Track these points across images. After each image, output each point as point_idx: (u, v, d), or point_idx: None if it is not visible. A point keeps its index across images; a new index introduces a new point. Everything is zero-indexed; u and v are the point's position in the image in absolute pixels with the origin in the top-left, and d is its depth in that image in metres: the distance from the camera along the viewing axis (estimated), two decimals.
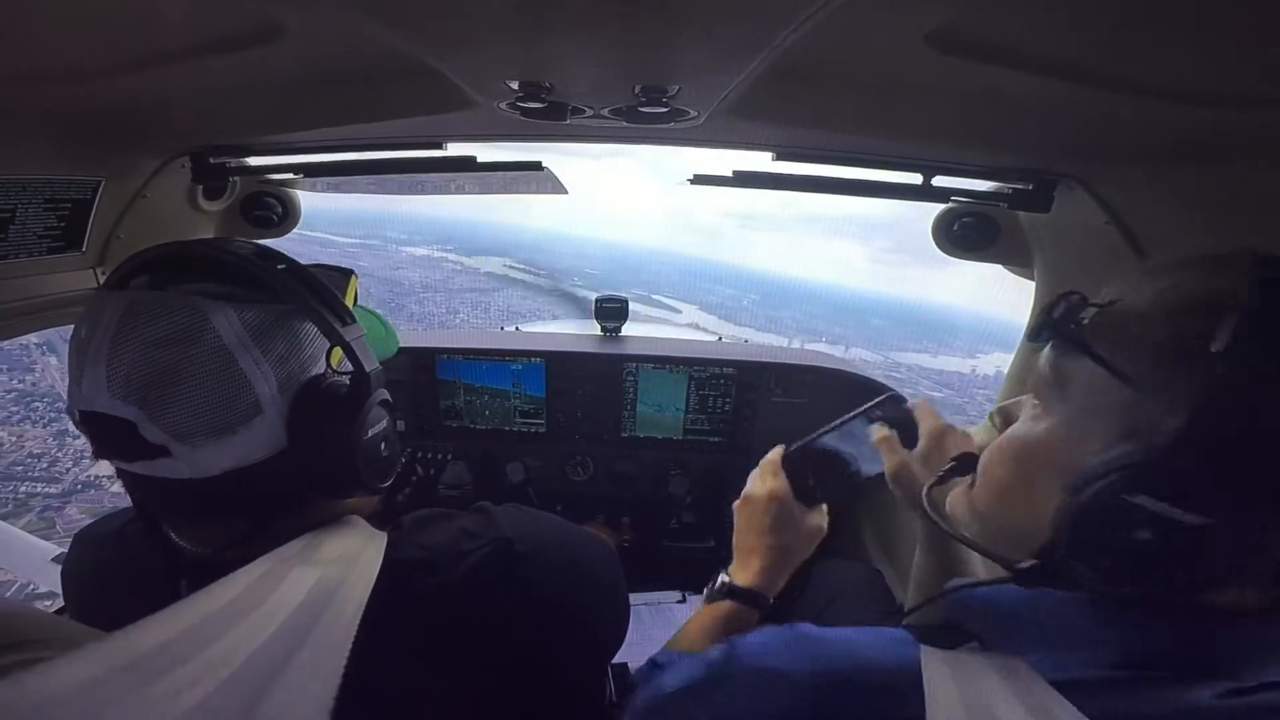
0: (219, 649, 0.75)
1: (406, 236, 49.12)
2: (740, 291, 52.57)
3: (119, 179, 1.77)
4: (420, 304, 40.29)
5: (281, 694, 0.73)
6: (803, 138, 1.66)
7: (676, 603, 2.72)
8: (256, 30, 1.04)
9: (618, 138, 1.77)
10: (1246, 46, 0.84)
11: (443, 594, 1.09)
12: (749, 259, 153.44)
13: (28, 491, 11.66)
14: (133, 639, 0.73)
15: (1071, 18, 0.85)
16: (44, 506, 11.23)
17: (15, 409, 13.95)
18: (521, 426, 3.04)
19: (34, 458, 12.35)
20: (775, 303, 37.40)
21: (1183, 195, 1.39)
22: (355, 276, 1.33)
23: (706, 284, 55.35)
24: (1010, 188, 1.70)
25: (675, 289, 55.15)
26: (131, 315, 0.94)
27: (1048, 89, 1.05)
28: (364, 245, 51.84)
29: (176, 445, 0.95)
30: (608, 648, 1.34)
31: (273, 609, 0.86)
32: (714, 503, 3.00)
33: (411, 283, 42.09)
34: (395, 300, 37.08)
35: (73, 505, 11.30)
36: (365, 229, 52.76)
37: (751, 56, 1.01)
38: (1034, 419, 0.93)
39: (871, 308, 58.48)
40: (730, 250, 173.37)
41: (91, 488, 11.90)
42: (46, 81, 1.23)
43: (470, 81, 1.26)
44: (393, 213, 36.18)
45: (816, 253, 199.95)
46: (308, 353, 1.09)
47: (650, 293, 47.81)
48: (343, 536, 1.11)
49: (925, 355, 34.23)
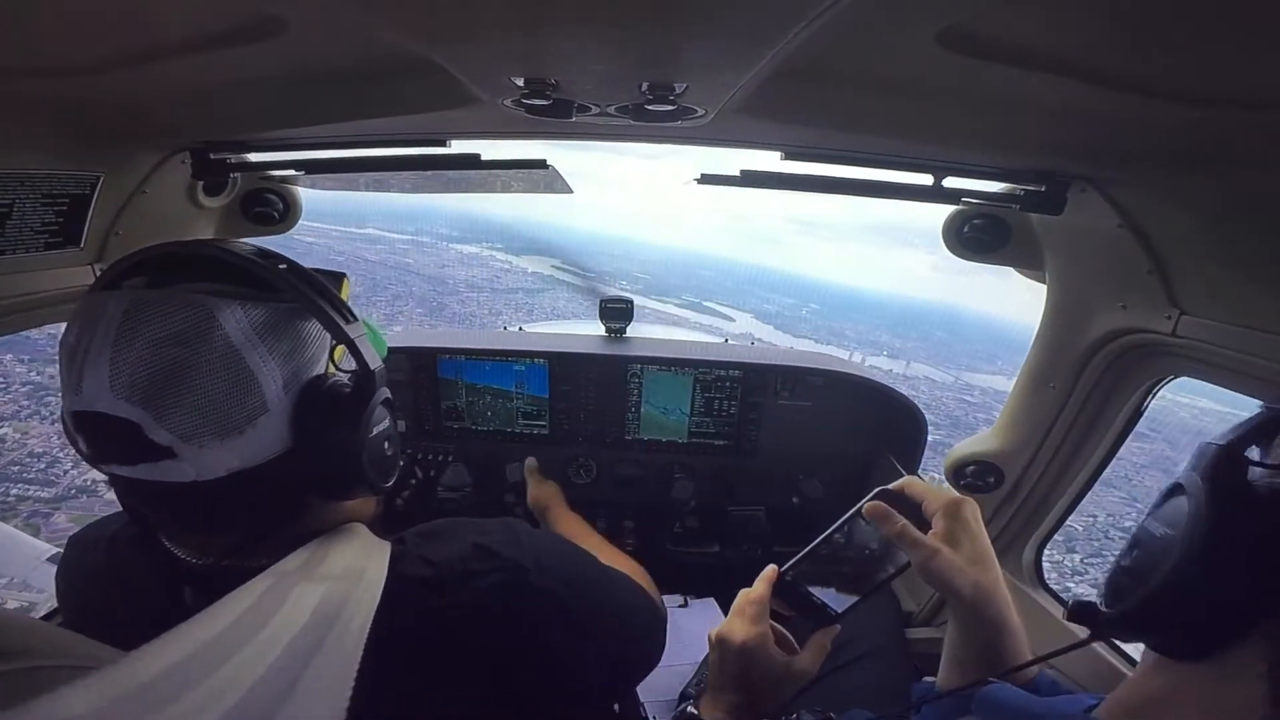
0: (225, 674, 0.75)
1: (458, 234, 49.28)
2: (799, 300, 52.10)
3: (118, 174, 1.76)
4: (463, 303, 40.36)
5: (289, 718, 0.73)
6: (812, 137, 1.64)
7: (679, 607, 2.71)
8: (257, 25, 1.03)
9: (624, 136, 1.77)
10: (1264, 49, 0.81)
11: (447, 617, 1.08)
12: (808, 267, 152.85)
13: (19, 494, 11.58)
14: (138, 666, 0.72)
15: (1086, 18, 0.84)
16: (31, 512, 11.10)
17: (26, 403, 13.90)
18: (524, 428, 3.03)
19: (34, 457, 12.26)
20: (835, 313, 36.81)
21: (1197, 199, 1.37)
22: (348, 279, 1.32)
23: (763, 291, 54.92)
24: (1022, 189, 1.68)
25: (729, 296, 54.63)
26: (135, 314, 0.93)
27: (1061, 89, 1.03)
28: (415, 242, 51.89)
29: (182, 446, 0.93)
30: (622, 692, 1.33)
31: (277, 631, 0.85)
32: (718, 507, 3.00)
33: (457, 281, 42.06)
34: (438, 299, 36.97)
35: (62, 512, 11.21)
36: (417, 225, 52.88)
37: (760, 54, 1.00)
38: None
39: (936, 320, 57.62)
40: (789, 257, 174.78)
41: (86, 493, 11.81)
42: (46, 75, 1.22)
43: (474, 78, 1.24)
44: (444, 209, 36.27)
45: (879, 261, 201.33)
46: (311, 351, 1.09)
47: (702, 299, 47.52)
48: (346, 547, 1.10)
49: (1000, 378, 32.38)
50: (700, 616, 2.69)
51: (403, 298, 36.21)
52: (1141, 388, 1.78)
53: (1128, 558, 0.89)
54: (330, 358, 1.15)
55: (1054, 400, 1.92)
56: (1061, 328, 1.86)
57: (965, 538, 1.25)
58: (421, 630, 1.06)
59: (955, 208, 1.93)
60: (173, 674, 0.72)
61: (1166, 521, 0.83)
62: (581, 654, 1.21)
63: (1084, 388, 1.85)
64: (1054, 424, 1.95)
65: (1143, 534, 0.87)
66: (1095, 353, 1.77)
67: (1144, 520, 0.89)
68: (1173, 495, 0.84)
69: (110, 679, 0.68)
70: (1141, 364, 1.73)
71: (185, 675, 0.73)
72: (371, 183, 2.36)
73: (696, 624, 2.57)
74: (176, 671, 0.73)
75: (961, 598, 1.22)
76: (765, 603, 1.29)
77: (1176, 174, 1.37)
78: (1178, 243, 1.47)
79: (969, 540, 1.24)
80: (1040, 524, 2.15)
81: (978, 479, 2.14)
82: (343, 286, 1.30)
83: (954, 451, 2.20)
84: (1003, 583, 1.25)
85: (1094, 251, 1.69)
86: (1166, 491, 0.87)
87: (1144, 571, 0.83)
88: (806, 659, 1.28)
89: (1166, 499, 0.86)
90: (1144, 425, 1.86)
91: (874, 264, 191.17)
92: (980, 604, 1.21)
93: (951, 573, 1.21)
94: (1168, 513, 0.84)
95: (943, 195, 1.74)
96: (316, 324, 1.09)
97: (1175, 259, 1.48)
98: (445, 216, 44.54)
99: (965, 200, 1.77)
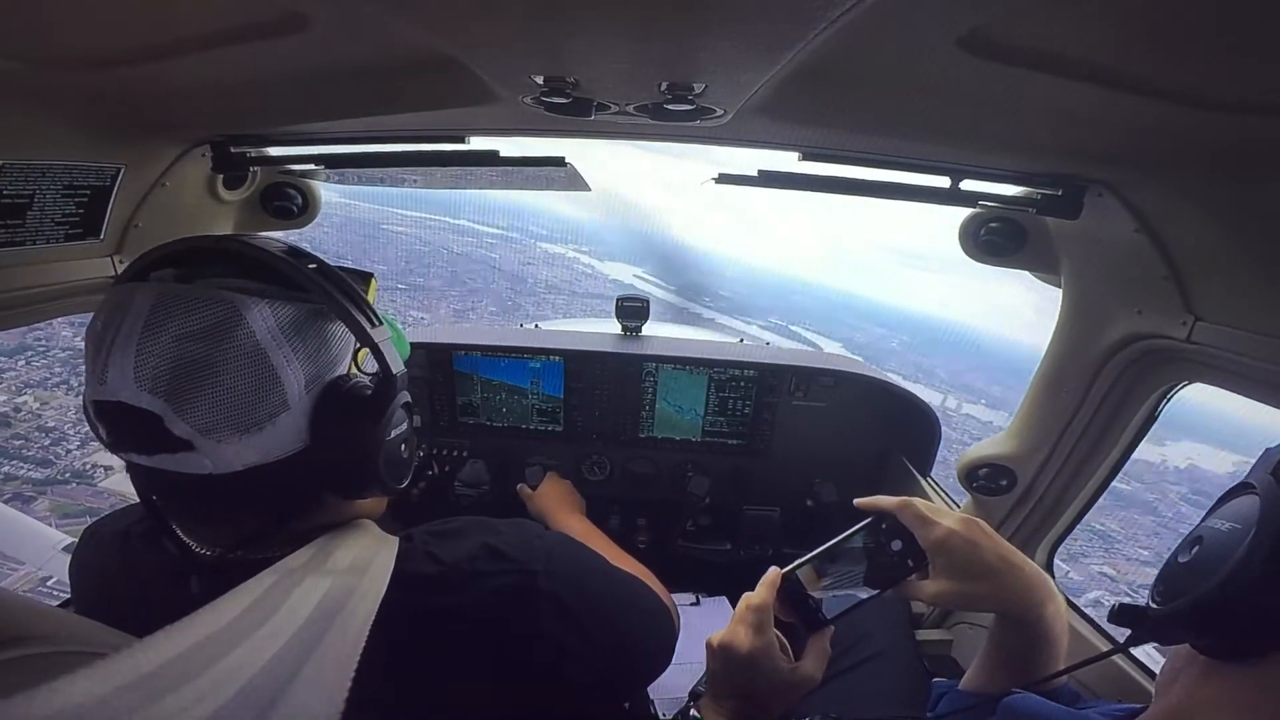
0: (226, 666, 0.75)
1: (547, 232, 48.95)
2: (889, 331, 50.97)
3: (139, 167, 1.76)
4: (538, 305, 39.77)
5: (287, 710, 0.73)
6: (830, 138, 1.64)
7: (690, 605, 2.72)
8: (280, 20, 1.03)
9: (642, 135, 1.77)
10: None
11: (451, 615, 1.09)
12: (900, 296, 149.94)
13: (8, 473, 11.45)
14: (143, 655, 0.73)
15: (1107, 23, 0.83)
16: (13, 494, 11.02)
17: (60, 370, 13.79)
18: (538, 425, 3.05)
19: (43, 432, 12.17)
20: (926, 348, 35.37)
21: (1215, 205, 1.36)
22: (375, 279, 1.33)
23: (853, 319, 53.81)
24: (1039, 193, 1.68)
25: (818, 322, 53.19)
26: (162, 307, 0.94)
27: (1081, 94, 1.02)
28: (504, 237, 51.42)
29: (201, 440, 0.95)
30: (627, 695, 1.33)
31: (280, 624, 0.86)
32: (732, 505, 3.01)
33: (536, 280, 41.63)
34: (514, 298, 36.45)
35: (47, 497, 11.08)
36: (509, 220, 52.55)
37: (780, 55, 1.00)
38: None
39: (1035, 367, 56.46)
40: (884, 287, 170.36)
41: (79, 479, 11.69)
42: (69, 67, 1.23)
43: (495, 75, 1.25)
44: (536, 207, 36.04)
45: (979, 296, 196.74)
46: (334, 351, 1.11)
47: (789, 323, 46.66)
48: (354, 542, 1.11)
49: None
50: (712, 615, 2.71)
51: (479, 293, 35.94)
52: (1156, 393, 1.77)
53: (1186, 554, 0.87)
54: (353, 358, 1.16)
55: (1068, 404, 1.91)
56: (1077, 332, 1.85)
57: (963, 561, 1.25)
58: (422, 628, 1.07)
59: (972, 211, 1.93)
60: (174, 665, 0.73)
61: (1233, 519, 0.82)
62: (588, 658, 1.21)
63: (1098, 392, 1.84)
64: (1067, 428, 1.94)
65: (1205, 532, 0.86)
66: (1110, 357, 1.76)
67: (1205, 519, 0.88)
68: (1240, 494, 0.84)
69: (112, 668, 0.69)
70: (1156, 369, 1.73)
71: (187, 666, 0.73)
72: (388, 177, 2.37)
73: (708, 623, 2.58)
74: (178, 662, 0.73)
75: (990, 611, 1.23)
76: (768, 609, 1.28)
77: (1194, 180, 1.36)
78: (1194, 248, 1.46)
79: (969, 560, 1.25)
80: (1052, 527, 2.14)
81: (990, 481, 2.13)
82: (370, 287, 1.31)
83: (967, 454, 2.19)
84: (1036, 586, 1.25)
85: (1110, 256, 1.68)
86: (1233, 490, 0.86)
87: (1206, 569, 0.82)
88: (810, 665, 1.27)
89: (1233, 497, 0.86)
90: None
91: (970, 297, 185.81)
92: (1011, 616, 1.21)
93: (962, 603, 1.22)
94: (1234, 510, 0.83)
95: (959, 198, 1.74)
96: (342, 324, 1.10)
97: (1191, 265, 1.47)
98: (536, 214, 44.26)
99: (982, 203, 1.77)
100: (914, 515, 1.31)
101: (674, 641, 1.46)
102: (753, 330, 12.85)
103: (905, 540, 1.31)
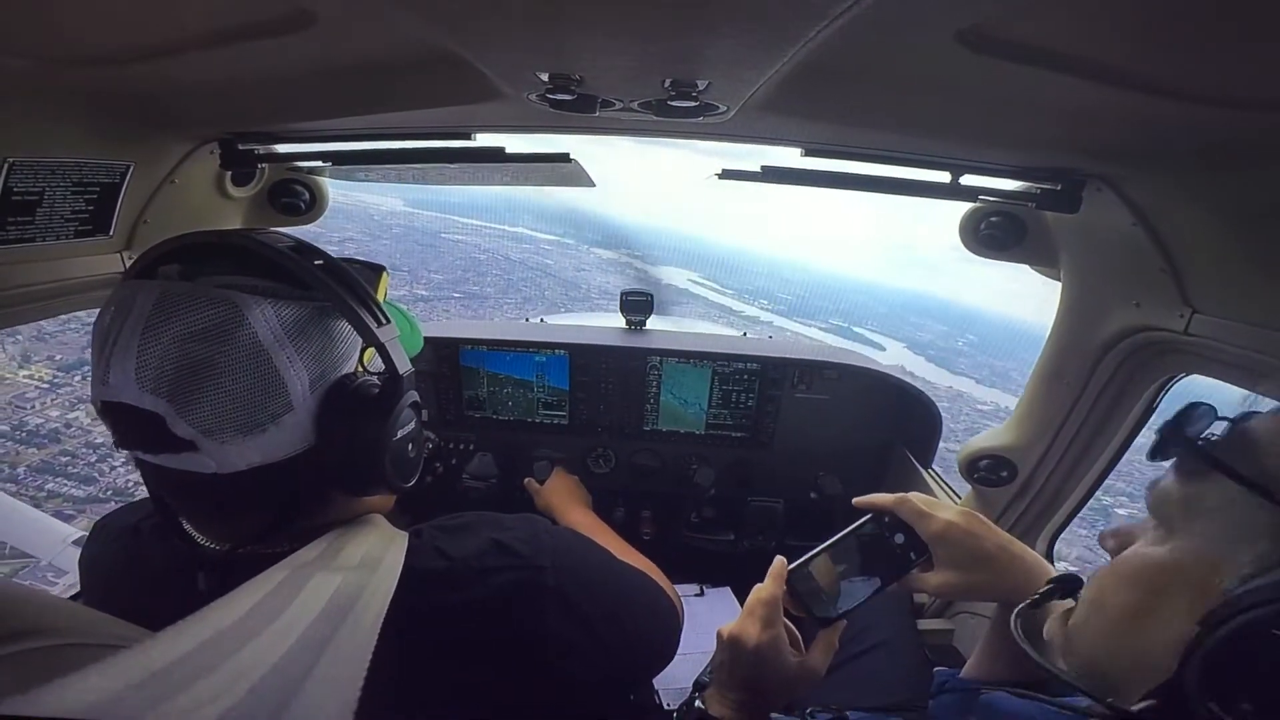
0: (238, 663, 0.75)
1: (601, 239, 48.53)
2: (954, 329, 50.00)
3: (148, 163, 1.77)
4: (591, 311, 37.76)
5: (300, 708, 0.73)
6: (832, 134, 1.65)
7: (695, 596, 2.74)
8: (287, 17, 1.04)
9: (647, 131, 1.78)
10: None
11: (460, 612, 1.09)
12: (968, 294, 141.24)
13: (53, 489, 11.40)
14: (155, 651, 0.73)
15: (1106, 18, 0.85)
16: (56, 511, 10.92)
17: None
18: (544, 418, 3.06)
19: (90, 448, 12.03)
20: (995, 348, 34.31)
21: (1213, 200, 1.37)
22: (386, 273, 1.32)
23: (916, 318, 52.77)
24: (1038, 187, 1.69)
25: (880, 322, 51.61)
26: (164, 306, 0.94)
27: (1080, 90, 1.03)
28: (559, 243, 50.98)
29: (204, 440, 0.94)
30: (632, 688, 1.33)
31: (292, 620, 0.86)
32: (736, 497, 3.03)
33: (589, 286, 41.28)
34: (567, 305, 35.97)
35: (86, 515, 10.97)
36: (564, 227, 52.21)
37: (782, 52, 1.01)
38: (1158, 542, 0.85)
39: None
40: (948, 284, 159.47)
41: (119, 497, 11.51)
42: (78, 64, 1.24)
43: (500, 73, 1.26)
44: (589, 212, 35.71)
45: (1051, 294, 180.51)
46: (340, 350, 1.10)
47: (851, 324, 45.78)
48: (364, 538, 1.11)
49: None
50: (716, 606, 2.71)
51: (532, 300, 34.95)
52: (1153, 385, 1.78)
53: None
54: (361, 355, 1.16)
55: (1067, 396, 1.93)
56: (1075, 324, 1.87)
57: (963, 552, 1.28)
58: (432, 623, 1.08)
59: (972, 205, 1.94)
60: (186, 661, 0.73)
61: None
62: (594, 654, 1.22)
63: (1097, 384, 1.85)
64: (1066, 419, 1.96)
65: None
66: (1108, 349, 1.77)
67: None
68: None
69: (124, 665, 0.69)
70: (1154, 361, 1.74)
71: (199, 663, 0.73)
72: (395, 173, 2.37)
73: (712, 613, 2.60)
74: (190, 659, 0.73)
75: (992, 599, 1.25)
76: (778, 603, 1.29)
77: (1191, 173, 1.37)
78: (1191, 241, 1.47)
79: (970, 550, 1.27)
80: (1052, 517, 2.16)
81: (991, 473, 2.15)
82: (380, 281, 1.31)
83: (968, 445, 2.21)
84: (1037, 574, 1.26)
85: (1108, 249, 1.70)
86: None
87: None
88: (817, 658, 1.28)
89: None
90: None
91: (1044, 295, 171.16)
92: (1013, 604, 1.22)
93: (965, 593, 1.22)
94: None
95: (960, 192, 1.75)
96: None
97: (1188, 258, 1.48)
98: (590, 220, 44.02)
99: (982, 198, 1.78)
100: (912, 510, 1.33)
101: (678, 636, 1.46)
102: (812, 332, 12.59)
103: (907, 534, 1.33)
